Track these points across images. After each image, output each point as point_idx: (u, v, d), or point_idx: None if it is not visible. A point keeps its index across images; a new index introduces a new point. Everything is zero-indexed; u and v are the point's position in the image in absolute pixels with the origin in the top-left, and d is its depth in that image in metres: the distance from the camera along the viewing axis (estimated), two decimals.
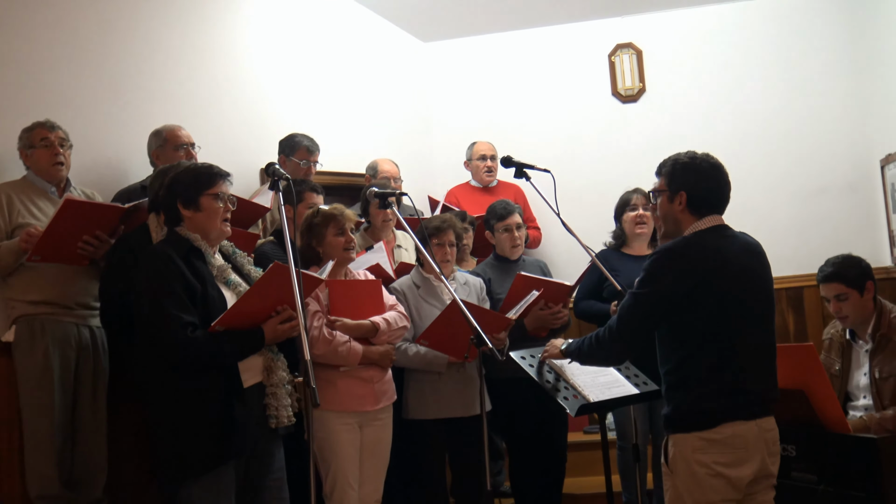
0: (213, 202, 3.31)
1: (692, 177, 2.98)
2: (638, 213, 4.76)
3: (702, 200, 2.98)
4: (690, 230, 2.98)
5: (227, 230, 3.38)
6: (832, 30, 6.45)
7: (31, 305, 3.88)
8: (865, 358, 3.92)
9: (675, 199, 3.01)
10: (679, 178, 3.00)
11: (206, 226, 3.32)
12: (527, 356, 3.67)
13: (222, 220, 3.34)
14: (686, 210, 2.99)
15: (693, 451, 2.83)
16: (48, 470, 3.79)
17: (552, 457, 4.63)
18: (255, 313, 3.23)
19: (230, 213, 3.37)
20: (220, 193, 3.32)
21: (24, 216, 3.90)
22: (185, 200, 3.31)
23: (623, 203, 4.85)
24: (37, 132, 3.97)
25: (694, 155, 3.04)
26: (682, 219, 3.01)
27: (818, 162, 6.41)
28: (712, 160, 3.03)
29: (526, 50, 6.98)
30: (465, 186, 6.41)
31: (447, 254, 4.32)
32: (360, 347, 3.82)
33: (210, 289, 3.24)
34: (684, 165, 3.01)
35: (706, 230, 2.96)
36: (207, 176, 3.34)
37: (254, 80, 5.55)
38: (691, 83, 6.66)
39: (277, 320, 3.27)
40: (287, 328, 3.28)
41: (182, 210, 3.32)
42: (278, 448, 3.42)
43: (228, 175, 3.40)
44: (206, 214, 3.31)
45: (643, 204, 4.75)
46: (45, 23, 4.33)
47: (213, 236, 3.35)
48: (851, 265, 3.93)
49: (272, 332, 3.26)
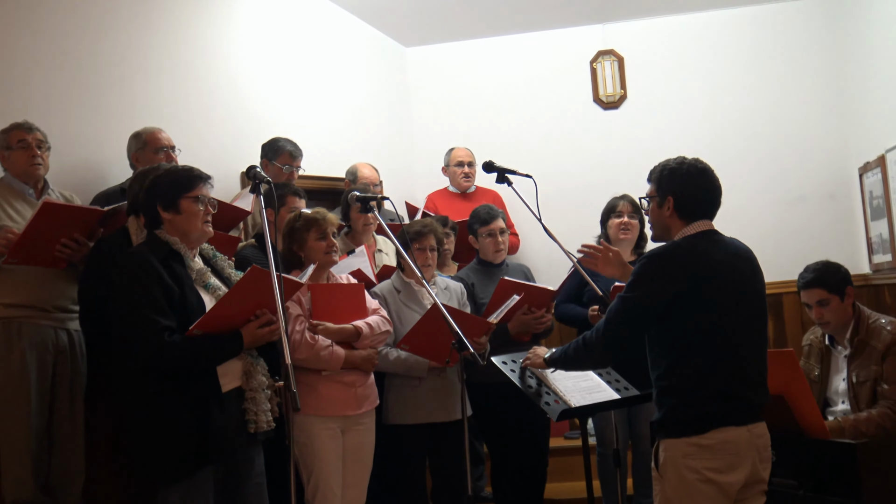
0: (192, 205, 3.28)
1: (679, 182, 3.00)
2: (623, 221, 4.77)
3: (689, 205, 2.99)
4: (679, 235, 3.00)
5: (209, 231, 3.35)
6: (812, 39, 6.52)
7: (8, 308, 3.83)
8: (844, 363, 3.94)
9: (664, 205, 3.02)
10: (666, 183, 3.02)
11: (185, 228, 3.29)
12: (508, 361, 3.67)
13: (203, 222, 3.31)
14: (674, 215, 3.01)
15: (683, 456, 2.83)
16: (24, 475, 3.74)
17: (533, 462, 4.63)
18: (233, 317, 3.21)
19: (210, 215, 3.35)
20: (199, 196, 3.29)
21: (0, 218, 3.86)
22: (164, 203, 3.29)
23: (609, 209, 4.86)
24: (14, 133, 3.94)
25: (682, 160, 3.05)
26: (670, 224, 3.03)
27: (798, 170, 6.47)
28: (700, 165, 3.04)
29: (508, 56, 7.00)
30: (443, 192, 6.41)
31: (428, 258, 4.31)
32: (343, 352, 3.80)
33: (188, 292, 3.21)
34: (672, 171, 3.02)
35: (695, 235, 2.97)
36: (187, 178, 3.32)
37: (235, 83, 5.53)
38: (672, 90, 6.71)
39: (256, 324, 3.24)
40: (266, 332, 3.26)
41: (162, 213, 3.29)
42: (258, 453, 3.39)
43: (209, 178, 3.38)
44: (186, 217, 3.28)
45: (629, 211, 4.77)
46: (23, 24, 4.29)
47: (193, 238, 3.32)
48: (832, 271, 3.95)
49: (251, 336, 3.23)
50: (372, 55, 6.78)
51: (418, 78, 7.13)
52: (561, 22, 6.84)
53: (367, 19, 6.67)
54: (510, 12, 6.67)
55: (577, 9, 6.66)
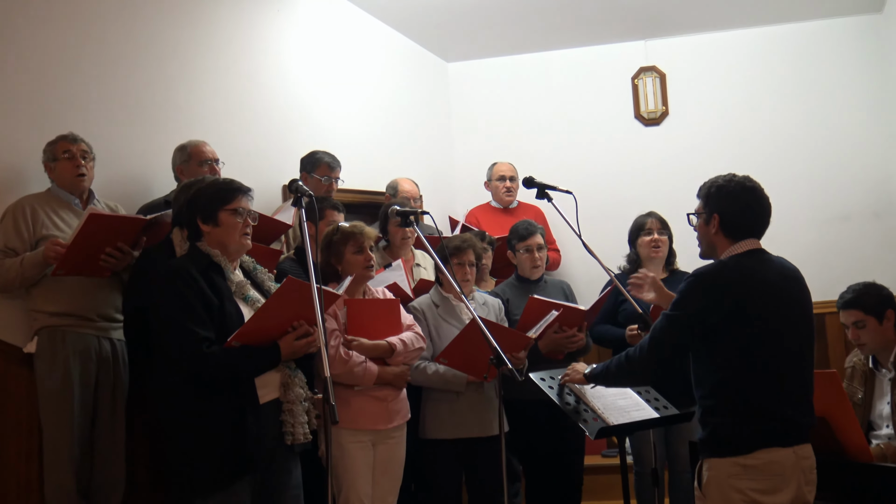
0: (231, 217, 3.32)
1: (725, 200, 2.98)
2: (653, 238, 4.74)
3: (735, 223, 2.97)
4: (726, 254, 2.98)
5: (248, 244, 3.38)
6: (855, 55, 6.44)
7: (53, 317, 3.90)
8: (888, 386, 3.87)
9: (711, 222, 3.01)
10: (713, 200, 3.00)
11: (224, 240, 3.33)
12: (546, 377, 3.65)
13: (241, 234, 3.34)
14: (720, 233, 2.99)
15: (728, 476, 2.80)
16: (66, 482, 3.79)
17: (569, 480, 4.59)
18: (271, 329, 3.23)
19: (250, 228, 3.38)
20: (238, 209, 3.33)
21: (48, 228, 3.93)
22: (204, 216, 3.33)
23: (637, 227, 4.83)
24: (60, 145, 4.01)
25: (731, 177, 3.02)
26: (716, 242, 3.01)
27: (842, 188, 6.39)
28: (749, 183, 3.00)
29: (549, 72, 7.00)
30: (485, 207, 6.42)
31: (467, 273, 4.31)
32: (376, 368, 3.81)
33: (227, 304, 3.25)
34: (719, 188, 3.00)
35: (742, 254, 2.95)
36: (227, 191, 3.36)
37: (278, 97, 5.58)
38: (714, 107, 6.66)
39: (293, 336, 3.26)
40: (303, 344, 3.28)
41: (201, 225, 3.34)
42: (295, 465, 3.40)
43: (249, 190, 3.41)
44: (225, 230, 3.32)
45: (658, 228, 4.75)
46: (71, 36, 4.38)
47: (232, 250, 3.35)
48: (871, 293, 3.89)
49: (288, 347, 3.26)
50: (414, 70, 6.82)
51: (460, 93, 7.15)
52: (603, 38, 6.83)
53: (410, 34, 6.71)
54: (552, 28, 6.68)
55: (619, 25, 6.64)
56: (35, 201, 3.99)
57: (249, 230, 3.38)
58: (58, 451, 3.81)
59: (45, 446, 3.84)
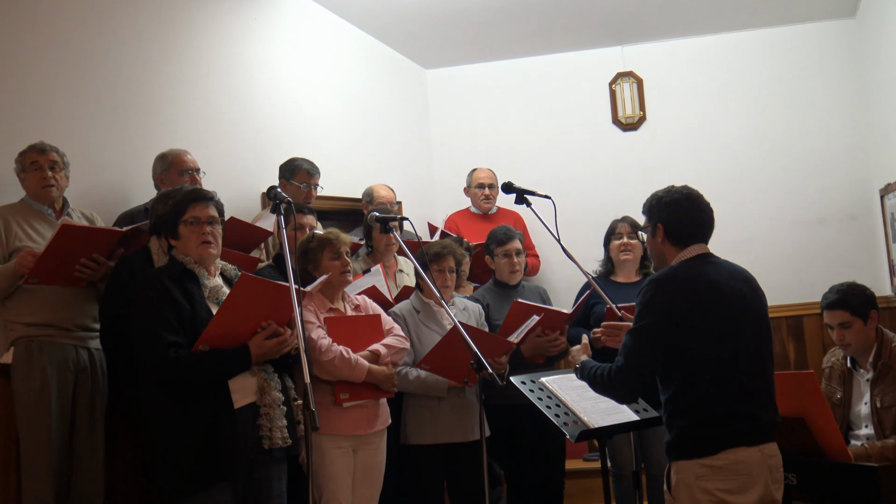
0: (186, 228, 3.35)
1: (665, 209, 3.07)
2: (623, 242, 4.80)
3: (679, 230, 3.05)
4: (676, 260, 3.05)
5: (210, 252, 3.37)
6: (832, 60, 6.50)
7: (30, 327, 3.87)
8: (867, 387, 3.90)
9: (657, 233, 3.10)
10: (655, 211, 3.11)
11: (186, 251, 3.36)
12: (527, 381, 3.65)
13: (198, 243, 3.34)
14: (666, 241, 3.07)
15: (696, 478, 2.82)
16: (45, 493, 3.76)
17: (551, 484, 4.60)
18: (239, 331, 3.23)
19: (212, 234, 3.37)
20: (191, 218, 3.34)
21: (21, 239, 3.90)
22: (168, 232, 3.39)
23: (609, 231, 4.90)
24: (28, 156, 3.99)
25: (669, 188, 3.12)
26: (664, 251, 3.09)
27: (818, 191, 6.43)
28: (686, 191, 3.10)
29: (527, 77, 7.02)
30: (464, 213, 6.42)
31: (447, 279, 4.32)
32: (367, 364, 3.79)
33: (199, 309, 3.26)
34: (659, 199, 3.11)
35: (692, 259, 3.02)
36: (182, 202, 3.39)
37: (257, 105, 5.58)
38: (692, 112, 6.70)
39: (262, 336, 3.26)
40: (274, 343, 3.28)
41: (170, 241, 3.40)
42: (278, 472, 3.39)
43: (207, 198, 3.42)
44: (183, 241, 3.36)
45: (628, 232, 4.81)
46: (49, 44, 4.36)
47: (196, 260, 3.36)
48: (857, 294, 3.91)
49: (258, 348, 3.25)
50: (392, 77, 6.82)
51: (438, 99, 7.15)
52: (580, 44, 6.85)
53: (387, 41, 6.72)
54: (529, 34, 6.70)
55: (596, 31, 6.67)
56: (8, 212, 3.96)
57: (211, 237, 3.36)
58: (36, 461, 3.78)
59: (23, 457, 3.81)
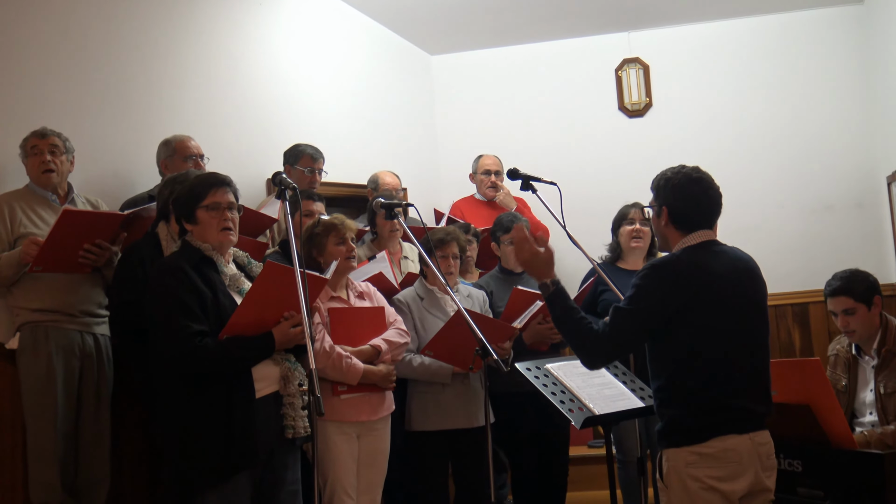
0: (206, 214, 3.30)
1: (672, 192, 2.95)
2: (634, 228, 4.75)
3: (684, 215, 2.94)
4: (678, 246, 2.96)
5: (230, 238, 3.35)
6: (839, 47, 6.47)
7: (35, 313, 3.88)
8: (871, 374, 3.90)
9: (661, 215, 2.99)
10: (662, 193, 2.99)
11: (205, 237, 3.31)
12: (532, 367, 3.64)
13: (219, 229, 3.31)
14: (670, 225, 2.97)
15: (686, 465, 2.80)
16: (51, 478, 3.78)
17: (555, 470, 4.61)
18: (263, 319, 3.22)
19: (232, 221, 3.34)
20: (212, 204, 3.30)
21: (25, 226, 3.90)
22: (185, 215, 3.33)
23: (620, 217, 4.85)
24: (29, 140, 3.98)
25: (679, 169, 2.99)
26: (668, 234, 3.00)
27: (825, 178, 6.42)
28: (696, 174, 2.97)
29: (533, 64, 7.00)
30: (469, 199, 6.40)
31: (451, 266, 4.31)
32: (361, 366, 3.80)
33: (222, 297, 3.24)
34: (667, 180, 2.98)
35: (695, 246, 2.93)
36: (201, 187, 3.33)
37: (261, 91, 5.57)
38: (698, 98, 6.68)
39: (288, 325, 3.25)
40: (298, 332, 3.25)
41: (185, 225, 3.34)
42: (294, 460, 3.40)
43: (226, 183, 3.37)
44: (202, 227, 3.31)
45: (640, 218, 4.74)
46: (51, 32, 4.35)
47: (214, 246, 3.34)
48: (860, 280, 3.91)
49: (282, 335, 3.24)
50: (397, 63, 6.81)
51: (443, 85, 7.13)
52: (586, 30, 6.83)
53: (393, 27, 6.70)
54: (535, 21, 6.67)
55: (602, 17, 6.65)
56: (13, 199, 3.96)
57: (231, 223, 3.34)
58: (42, 447, 3.79)
59: (29, 443, 3.82)
